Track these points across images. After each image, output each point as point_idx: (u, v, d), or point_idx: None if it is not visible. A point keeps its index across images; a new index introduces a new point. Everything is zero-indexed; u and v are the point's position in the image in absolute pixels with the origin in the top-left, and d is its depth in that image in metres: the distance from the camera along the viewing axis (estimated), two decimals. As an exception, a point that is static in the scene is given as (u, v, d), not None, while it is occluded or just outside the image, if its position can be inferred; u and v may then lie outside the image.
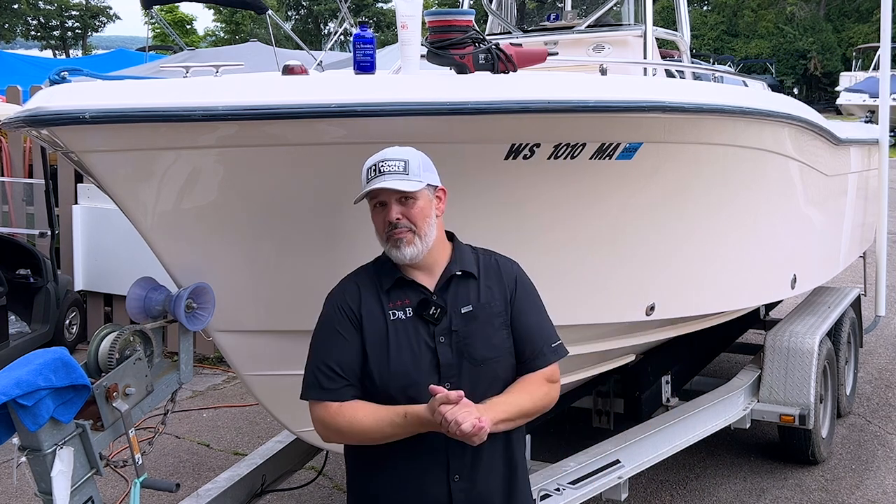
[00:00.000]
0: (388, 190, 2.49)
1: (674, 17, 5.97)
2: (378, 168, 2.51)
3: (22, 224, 8.19)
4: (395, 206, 2.51)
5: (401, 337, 2.55)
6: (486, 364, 2.56)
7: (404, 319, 2.56)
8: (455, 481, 2.56)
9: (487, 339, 2.58)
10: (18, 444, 2.55)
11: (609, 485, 4.09)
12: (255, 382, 3.33)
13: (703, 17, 50.80)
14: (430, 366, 2.52)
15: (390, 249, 2.55)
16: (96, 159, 2.61)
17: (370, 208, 2.59)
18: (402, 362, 2.53)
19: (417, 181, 2.52)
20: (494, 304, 2.61)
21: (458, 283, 2.62)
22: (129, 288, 2.97)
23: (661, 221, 3.94)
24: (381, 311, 2.57)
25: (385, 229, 2.54)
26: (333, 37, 16.29)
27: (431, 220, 2.57)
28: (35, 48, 53.67)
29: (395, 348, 2.54)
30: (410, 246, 2.52)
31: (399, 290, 2.59)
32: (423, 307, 2.55)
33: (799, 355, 5.21)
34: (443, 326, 2.55)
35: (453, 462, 2.55)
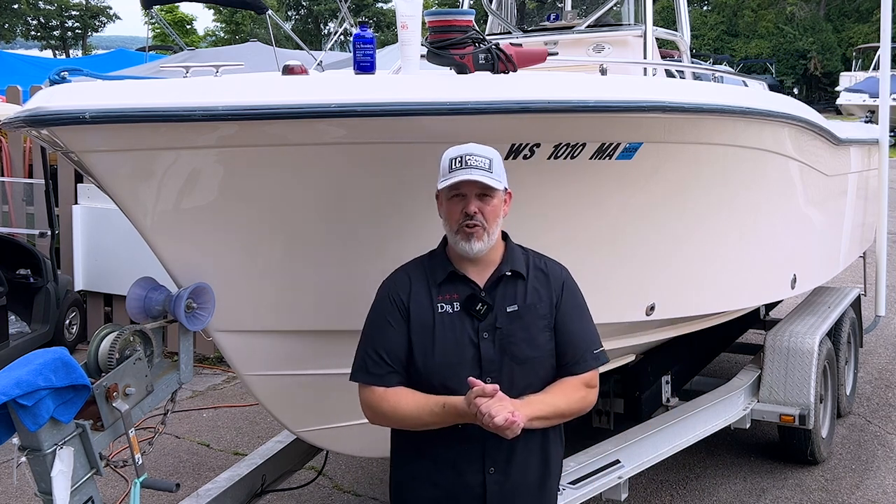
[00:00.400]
0: (474, 183, 2.57)
1: (674, 17, 5.97)
2: (464, 160, 2.58)
3: (22, 224, 8.19)
4: (475, 201, 2.60)
5: (447, 330, 2.64)
6: (527, 363, 2.64)
7: (451, 313, 2.65)
8: (490, 473, 2.64)
9: (530, 340, 2.66)
10: (18, 444, 2.55)
11: (609, 485, 4.09)
12: (255, 382, 3.33)
13: (703, 17, 50.79)
14: (472, 360, 2.61)
15: (459, 241, 2.63)
16: (96, 159, 2.61)
17: (445, 198, 2.66)
18: (445, 354, 2.62)
19: (499, 181, 2.62)
20: (540, 307, 2.69)
21: (507, 282, 2.70)
22: (129, 288, 2.97)
23: (661, 221, 3.94)
24: (430, 303, 2.67)
25: (459, 220, 2.61)
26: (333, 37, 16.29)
27: (500, 219, 2.68)
28: (35, 48, 53.68)
29: (440, 340, 2.63)
30: (480, 241, 2.61)
31: (450, 285, 2.68)
32: (471, 302, 2.65)
33: (799, 355, 5.21)
34: (487, 323, 2.64)
35: (489, 454, 2.64)
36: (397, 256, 3.12)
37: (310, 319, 3.27)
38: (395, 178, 3.04)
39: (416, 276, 2.72)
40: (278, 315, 3.20)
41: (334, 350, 3.28)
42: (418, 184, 3.08)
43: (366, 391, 2.68)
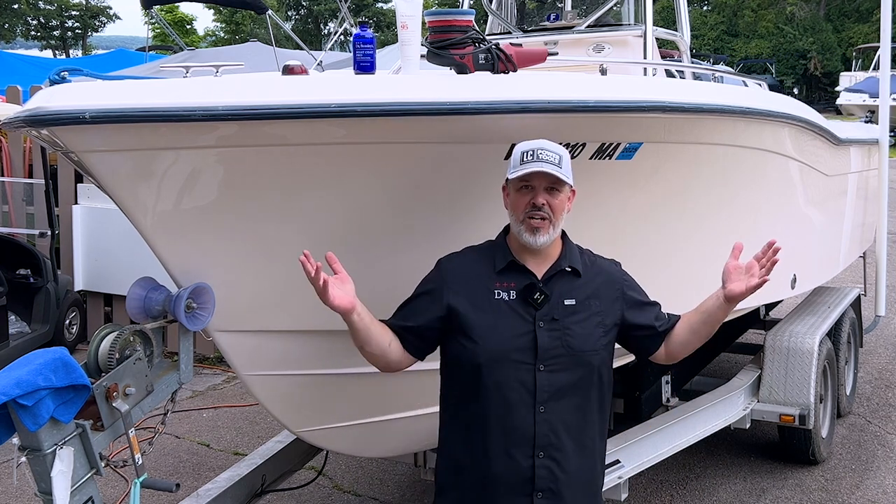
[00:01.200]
0: (545, 175, 2.66)
1: (674, 17, 5.97)
2: (536, 154, 2.67)
3: (22, 224, 8.19)
4: (543, 193, 2.68)
5: (500, 316, 2.70)
6: (581, 356, 2.73)
7: (508, 301, 2.72)
8: (539, 458, 2.69)
9: (586, 334, 2.75)
10: (18, 444, 2.55)
11: (609, 485, 4.08)
12: (255, 382, 3.33)
13: (703, 17, 50.79)
14: (528, 348, 2.68)
15: (523, 232, 2.70)
16: (96, 159, 2.61)
17: (513, 189, 2.74)
18: (501, 340, 2.68)
19: (568, 176, 2.71)
20: (595, 304, 2.79)
21: (565, 277, 2.78)
22: (129, 288, 2.97)
23: (661, 221, 3.94)
24: (488, 288, 2.74)
25: (526, 210, 2.68)
26: (333, 37, 16.30)
27: (564, 215, 2.75)
28: (35, 48, 53.68)
29: (492, 325, 2.69)
30: (545, 234, 2.70)
31: (509, 273, 2.75)
32: (529, 291, 2.72)
33: (799, 355, 5.21)
34: (544, 313, 2.71)
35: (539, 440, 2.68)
36: (399, 256, 3.13)
37: (310, 319, 3.26)
38: (395, 178, 3.04)
39: (478, 260, 2.81)
40: (278, 315, 3.20)
41: (334, 350, 3.28)
42: (418, 184, 3.08)
43: None
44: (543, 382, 2.68)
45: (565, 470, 2.71)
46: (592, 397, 2.79)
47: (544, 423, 2.67)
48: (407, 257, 3.11)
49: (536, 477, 2.68)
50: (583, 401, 2.75)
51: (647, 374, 4.93)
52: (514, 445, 2.69)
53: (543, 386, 2.68)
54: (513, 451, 2.69)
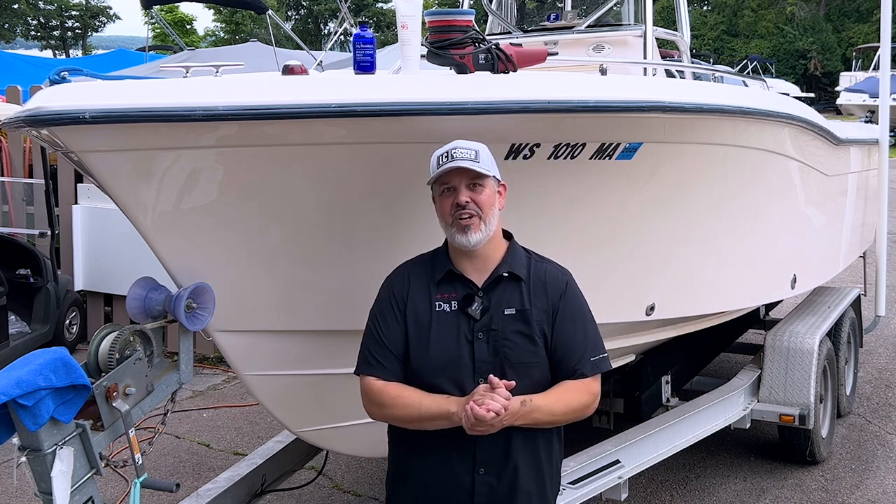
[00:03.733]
0: (462, 171, 2.59)
1: (674, 17, 5.97)
2: (450, 154, 2.60)
3: (22, 224, 8.19)
4: (465, 191, 2.60)
5: (442, 328, 2.64)
6: (520, 367, 2.63)
7: (448, 312, 2.65)
8: (480, 474, 2.63)
9: (525, 344, 2.64)
10: (18, 444, 2.54)
11: (609, 485, 4.09)
12: (255, 382, 3.33)
13: (703, 17, 50.83)
14: (466, 359, 2.61)
15: (455, 235, 2.62)
16: (96, 159, 2.61)
17: (437, 194, 2.67)
18: (440, 353, 2.62)
19: (487, 168, 2.63)
20: (536, 312, 2.67)
21: (506, 284, 2.68)
22: (129, 288, 2.97)
23: (661, 221, 3.94)
24: (429, 300, 2.67)
25: (452, 212, 2.61)
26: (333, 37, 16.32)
27: (495, 210, 2.66)
28: (35, 48, 53.67)
29: (434, 338, 2.63)
30: (477, 232, 2.60)
31: (448, 283, 2.68)
32: (467, 302, 2.64)
33: (799, 355, 5.21)
34: (483, 324, 2.63)
35: (481, 454, 2.62)
36: (398, 257, 3.12)
37: (310, 319, 3.27)
38: (395, 179, 3.04)
39: (417, 273, 2.73)
40: (278, 315, 3.20)
41: (334, 350, 3.28)
42: (418, 183, 3.08)
43: (367, 383, 2.69)
44: None
45: (507, 487, 2.64)
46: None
47: (485, 439, 2.56)
48: (409, 256, 3.11)
49: (476, 493, 2.63)
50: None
51: (647, 374, 4.93)
52: (454, 460, 2.64)
53: None
54: (454, 466, 2.64)
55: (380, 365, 2.67)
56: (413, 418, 2.62)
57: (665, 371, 5.11)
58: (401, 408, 2.62)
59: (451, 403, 2.55)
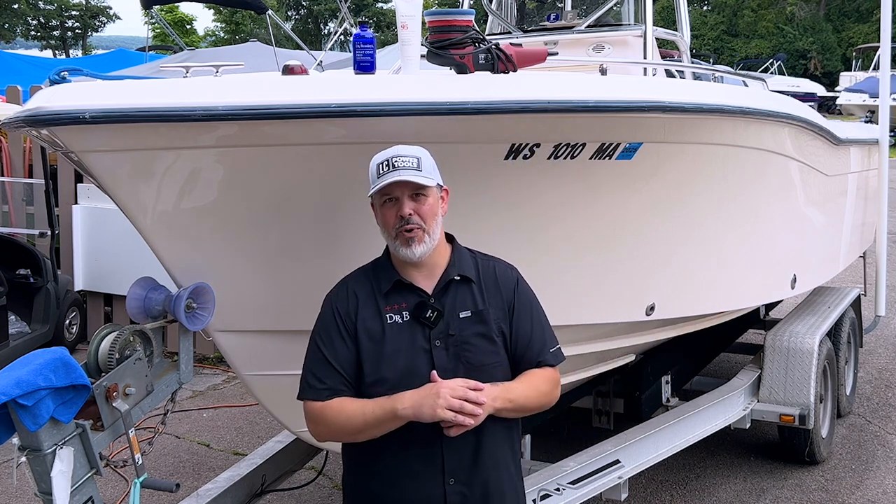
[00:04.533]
0: (404, 183, 2.49)
1: (674, 17, 5.97)
2: (391, 163, 2.50)
3: (22, 224, 8.19)
4: (408, 202, 2.51)
5: (397, 340, 2.53)
6: (482, 369, 2.55)
7: (401, 323, 2.55)
8: (451, 484, 2.53)
9: (485, 345, 2.58)
10: (18, 444, 2.54)
11: (609, 485, 4.09)
12: (255, 382, 3.33)
13: (703, 17, 50.87)
14: (426, 369, 2.50)
15: (399, 247, 2.54)
16: (96, 159, 2.61)
17: (378, 204, 2.58)
18: (398, 366, 2.51)
19: (430, 178, 2.54)
20: (492, 312, 2.61)
21: (457, 287, 2.61)
22: (129, 288, 2.97)
23: (661, 221, 3.94)
24: (378, 314, 2.56)
25: (395, 225, 2.52)
26: (333, 37, 16.32)
27: (439, 218, 2.58)
28: (35, 48, 53.69)
29: (390, 352, 2.52)
30: (421, 244, 2.52)
31: (397, 294, 2.58)
32: (420, 310, 2.54)
33: (799, 355, 5.21)
34: (439, 330, 2.54)
35: (449, 462, 2.53)
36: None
37: (310, 320, 3.27)
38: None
39: (361, 288, 2.61)
40: (279, 315, 3.20)
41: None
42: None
43: (309, 406, 2.57)
44: None
45: (479, 493, 2.56)
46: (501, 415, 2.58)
47: (451, 447, 2.49)
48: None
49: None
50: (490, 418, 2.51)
51: (647, 374, 4.93)
52: (423, 474, 2.53)
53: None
54: (423, 481, 2.53)
55: (324, 387, 2.53)
56: (359, 427, 2.49)
57: (665, 371, 5.11)
58: (344, 419, 2.50)
59: (393, 401, 2.43)
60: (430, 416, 2.39)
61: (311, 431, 2.65)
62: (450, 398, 2.38)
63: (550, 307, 2.78)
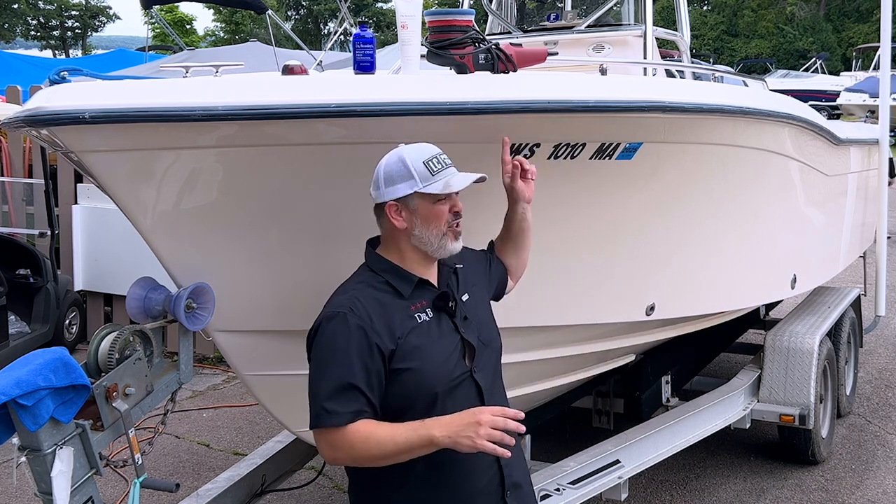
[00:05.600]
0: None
1: (674, 17, 5.97)
2: (442, 161, 2.54)
3: (22, 224, 8.19)
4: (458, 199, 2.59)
5: (433, 336, 2.55)
6: (492, 344, 2.68)
7: (429, 320, 2.58)
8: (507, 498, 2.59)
9: (489, 318, 2.74)
10: (18, 444, 2.54)
11: (609, 485, 4.09)
12: (255, 382, 3.33)
13: (703, 17, 50.89)
14: (462, 355, 2.57)
15: (448, 242, 2.56)
16: (96, 159, 2.61)
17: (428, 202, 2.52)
18: (443, 360, 2.54)
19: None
20: (480, 290, 2.77)
21: (448, 274, 2.69)
22: (129, 288, 2.97)
23: (661, 221, 3.94)
24: (409, 315, 2.53)
25: (449, 220, 2.56)
26: (333, 37, 16.32)
27: None
28: (35, 48, 53.70)
29: (433, 348, 2.52)
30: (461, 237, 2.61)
31: (417, 293, 2.60)
32: (443, 300, 2.59)
33: (799, 355, 5.21)
34: (459, 317, 2.62)
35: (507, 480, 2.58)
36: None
37: (310, 320, 3.26)
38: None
39: (380, 299, 2.53)
40: (279, 315, 3.20)
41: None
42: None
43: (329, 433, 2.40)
44: (483, 383, 2.57)
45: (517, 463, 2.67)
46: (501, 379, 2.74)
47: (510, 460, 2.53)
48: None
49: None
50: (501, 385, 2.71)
51: (647, 374, 4.93)
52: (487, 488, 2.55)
53: (485, 386, 2.57)
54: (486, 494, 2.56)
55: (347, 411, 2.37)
56: (388, 453, 2.35)
57: (665, 371, 5.11)
58: (374, 444, 2.35)
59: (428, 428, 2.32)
60: (469, 446, 2.27)
61: (328, 457, 2.49)
62: (490, 430, 2.27)
63: (550, 307, 2.79)
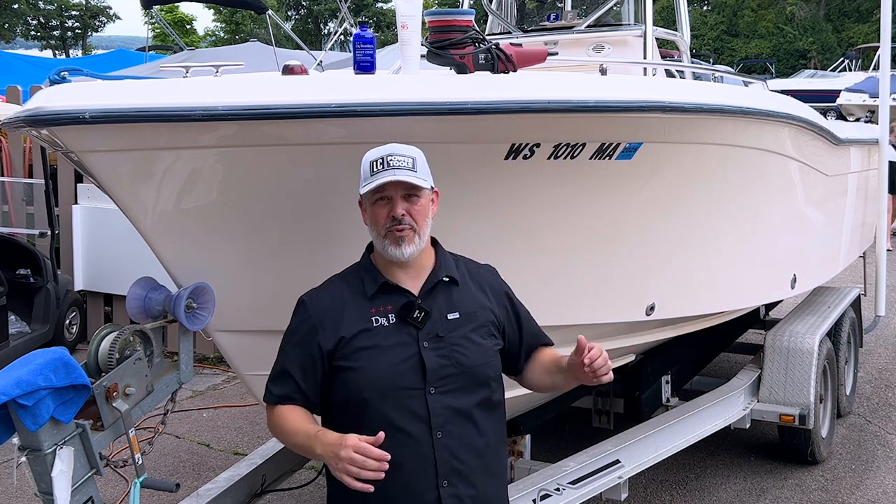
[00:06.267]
0: (399, 183, 2.46)
1: (674, 17, 5.97)
2: (386, 161, 2.46)
3: (22, 224, 8.19)
4: (401, 202, 2.48)
5: (384, 343, 2.50)
6: (475, 370, 2.54)
7: (387, 325, 2.52)
8: (444, 487, 2.49)
9: (477, 346, 2.56)
10: (18, 444, 2.55)
11: (609, 485, 4.09)
12: (255, 382, 3.32)
13: (703, 17, 50.86)
14: (416, 371, 2.48)
15: (388, 246, 2.51)
16: (96, 159, 2.61)
17: (368, 203, 2.54)
18: (386, 368, 2.48)
19: (425, 179, 2.52)
20: (482, 314, 2.61)
21: (443, 289, 2.59)
22: (129, 288, 2.97)
23: (661, 221, 3.94)
24: (364, 318, 2.53)
25: (386, 224, 2.50)
26: (333, 37, 16.32)
27: (429, 220, 2.56)
28: (35, 48, 53.64)
29: (379, 355, 2.49)
30: (411, 244, 2.50)
31: (383, 296, 2.55)
32: (408, 310, 2.52)
33: (799, 355, 5.21)
34: (427, 331, 2.52)
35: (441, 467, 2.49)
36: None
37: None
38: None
39: (342, 294, 2.57)
40: (279, 315, 3.19)
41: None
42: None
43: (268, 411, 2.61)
44: (436, 406, 2.46)
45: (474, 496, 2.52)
46: (493, 414, 2.60)
47: (444, 449, 2.46)
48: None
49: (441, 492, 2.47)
50: (483, 419, 2.54)
51: (647, 374, 4.93)
52: (415, 478, 2.47)
53: (437, 410, 2.46)
54: (415, 485, 2.47)
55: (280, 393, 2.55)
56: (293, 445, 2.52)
57: (665, 371, 5.11)
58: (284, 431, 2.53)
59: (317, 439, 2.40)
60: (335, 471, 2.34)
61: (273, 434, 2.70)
62: (347, 466, 2.28)
63: (550, 307, 2.79)
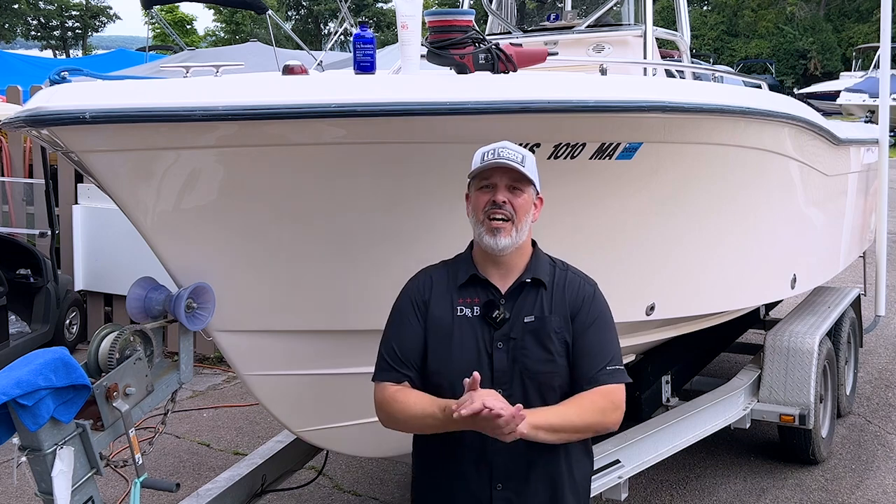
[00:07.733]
0: (505, 172, 2.53)
1: (674, 17, 5.97)
2: (497, 153, 2.55)
3: (22, 224, 8.19)
4: (504, 190, 2.55)
5: (464, 334, 2.57)
6: (539, 376, 2.55)
7: (470, 318, 2.58)
8: (497, 489, 2.57)
9: (544, 352, 2.56)
10: (18, 444, 2.55)
11: (609, 485, 4.09)
12: (255, 382, 3.33)
13: (703, 17, 50.88)
14: (485, 369, 2.53)
15: (484, 235, 2.55)
16: (96, 159, 2.61)
17: (473, 190, 2.61)
18: (460, 359, 2.55)
19: (532, 175, 2.58)
20: (555, 320, 2.59)
21: (528, 290, 2.62)
22: (129, 288, 2.97)
23: (661, 221, 3.94)
24: (451, 305, 2.61)
25: (486, 209, 2.54)
26: (333, 37, 16.31)
27: (528, 218, 2.61)
28: (35, 48, 53.69)
29: (456, 344, 2.57)
30: (507, 237, 2.54)
31: (471, 288, 2.61)
32: (489, 309, 2.57)
33: (799, 355, 5.21)
34: (502, 332, 2.56)
35: (497, 470, 2.56)
36: (398, 256, 3.12)
37: (310, 319, 3.27)
38: (395, 179, 3.04)
39: (439, 278, 2.67)
40: (279, 315, 3.20)
41: (334, 350, 3.28)
42: (418, 184, 3.08)
43: (378, 389, 2.63)
44: None
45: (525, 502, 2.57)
46: None
47: (502, 452, 2.50)
48: (407, 256, 3.11)
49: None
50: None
51: (647, 374, 4.93)
52: (472, 473, 2.57)
53: None
54: (471, 479, 2.57)
55: (392, 370, 2.60)
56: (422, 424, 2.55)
57: (665, 371, 5.10)
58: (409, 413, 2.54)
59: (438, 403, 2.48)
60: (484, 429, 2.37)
61: (379, 418, 2.68)
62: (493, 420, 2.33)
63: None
